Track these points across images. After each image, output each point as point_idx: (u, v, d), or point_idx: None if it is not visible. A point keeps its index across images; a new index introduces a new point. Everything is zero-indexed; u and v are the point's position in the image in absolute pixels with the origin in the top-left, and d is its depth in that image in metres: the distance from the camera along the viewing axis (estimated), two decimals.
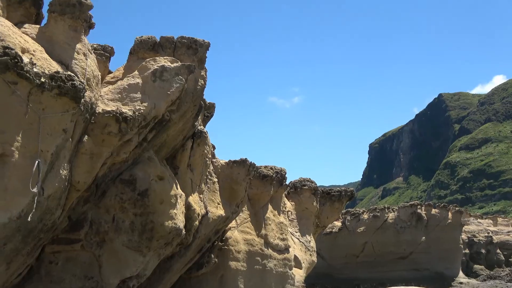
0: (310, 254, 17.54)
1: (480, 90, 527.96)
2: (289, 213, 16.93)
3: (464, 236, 44.78)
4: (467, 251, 45.96)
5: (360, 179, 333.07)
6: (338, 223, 37.61)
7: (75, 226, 8.17)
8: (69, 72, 6.38)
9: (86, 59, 7.18)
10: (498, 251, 49.23)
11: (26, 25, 7.00)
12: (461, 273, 40.63)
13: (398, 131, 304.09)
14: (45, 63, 6.24)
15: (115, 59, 9.40)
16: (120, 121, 7.37)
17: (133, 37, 9.17)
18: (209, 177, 11.84)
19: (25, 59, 5.77)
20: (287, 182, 16.12)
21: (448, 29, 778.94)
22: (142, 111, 7.76)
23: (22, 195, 5.85)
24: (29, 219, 6.07)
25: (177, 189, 9.19)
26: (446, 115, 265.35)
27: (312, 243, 17.97)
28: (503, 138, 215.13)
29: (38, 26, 7.14)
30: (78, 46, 7.12)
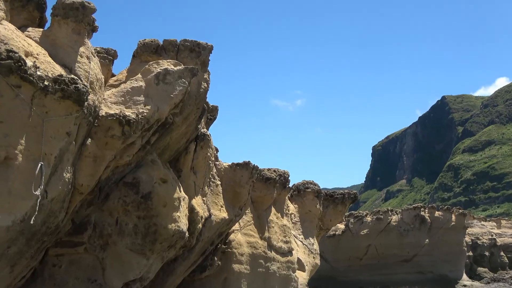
0: (313, 257, 17.50)
1: (483, 92, 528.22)
2: (292, 215, 16.90)
3: (467, 239, 44.63)
4: (470, 253, 45.79)
5: (363, 182, 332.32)
6: (342, 226, 37.50)
7: (78, 229, 8.18)
8: (72, 76, 6.39)
9: (90, 62, 7.19)
10: (502, 253, 49.01)
11: (30, 29, 7.02)
12: (464, 276, 40.43)
13: (401, 134, 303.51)
14: (48, 67, 6.25)
15: (118, 62, 9.42)
16: (124, 124, 7.38)
17: (136, 40, 9.19)
18: (212, 180, 11.83)
19: (29, 62, 5.78)
20: (290, 185, 16.09)
21: (451, 32, 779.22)
22: (145, 114, 7.77)
23: (25, 198, 5.84)
24: (33, 222, 6.06)
25: (180, 192, 9.19)
26: (449, 117, 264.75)
27: (315, 246, 17.94)
28: (506, 140, 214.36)
29: (41, 29, 7.15)
30: (82, 49, 7.13)
